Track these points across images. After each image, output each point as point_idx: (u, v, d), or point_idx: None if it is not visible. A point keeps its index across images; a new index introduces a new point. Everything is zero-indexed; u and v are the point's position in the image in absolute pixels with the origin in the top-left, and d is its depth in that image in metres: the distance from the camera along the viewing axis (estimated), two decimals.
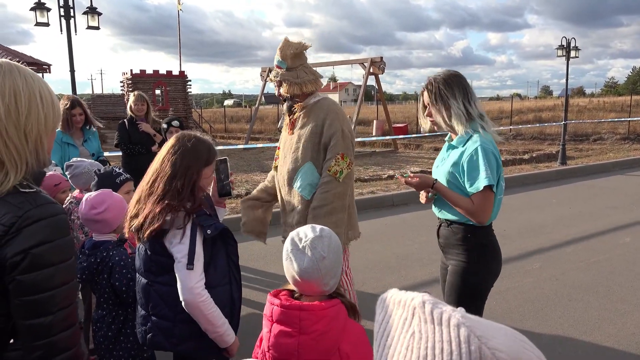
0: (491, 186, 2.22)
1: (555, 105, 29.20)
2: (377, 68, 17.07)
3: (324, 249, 1.46)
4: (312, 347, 1.43)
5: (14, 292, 1.11)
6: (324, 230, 1.52)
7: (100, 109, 22.48)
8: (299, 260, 1.47)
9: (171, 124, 4.42)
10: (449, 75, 2.38)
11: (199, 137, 2.06)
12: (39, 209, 1.13)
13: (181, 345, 2.02)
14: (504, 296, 4.23)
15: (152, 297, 2.02)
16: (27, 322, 1.12)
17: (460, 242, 2.37)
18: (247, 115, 32.81)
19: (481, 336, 0.54)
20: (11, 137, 1.13)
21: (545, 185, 9.36)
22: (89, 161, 3.11)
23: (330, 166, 2.93)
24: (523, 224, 6.55)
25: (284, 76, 3.05)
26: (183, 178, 1.93)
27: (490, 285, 2.44)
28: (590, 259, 5.23)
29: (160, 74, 20.10)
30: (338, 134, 2.94)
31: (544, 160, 13.08)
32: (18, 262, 1.09)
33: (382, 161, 15.28)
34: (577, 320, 3.82)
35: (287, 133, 3.20)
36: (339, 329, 1.48)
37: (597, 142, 19.14)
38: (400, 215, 7.18)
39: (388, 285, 4.58)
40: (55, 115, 1.22)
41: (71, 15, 7.23)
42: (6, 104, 1.12)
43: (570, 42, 11.90)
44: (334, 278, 1.51)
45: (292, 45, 3.05)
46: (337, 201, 2.95)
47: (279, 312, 1.46)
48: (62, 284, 1.16)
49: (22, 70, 1.17)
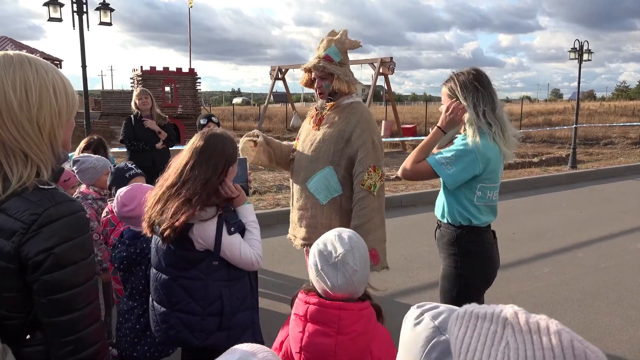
0: (431, 166, 2.26)
1: (565, 109, 29.02)
2: (387, 68, 17.02)
3: (355, 263, 1.42)
4: (349, 348, 1.40)
5: (39, 291, 1.11)
6: (352, 239, 1.47)
7: (109, 105, 22.57)
8: (332, 277, 1.42)
9: (211, 119, 4.40)
10: (473, 74, 2.31)
11: (225, 135, 2.07)
12: (58, 206, 1.12)
13: (210, 339, 2.02)
14: (514, 300, 4.19)
15: (176, 292, 2.02)
16: (53, 319, 1.13)
17: (447, 245, 2.36)
18: (256, 113, 32.84)
19: (582, 340, 0.57)
20: (27, 130, 1.12)
21: (555, 189, 9.27)
22: (95, 156, 3.11)
23: (363, 180, 2.82)
24: (533, 227, 6.50)
25: (337, 69, 2.86)
26: (210, 175, 1.94)
27: (481, 291, 2.40)
28: (601, 264, 5.17)
29: (170, 71, 20.16)
30: (368, 145, 2.83)
31: (553, 164, 12.99)
32: (41, 262, 1.09)
33: (390, 162, 15.20)
34: (587, 326, 3.77)
35: (309, 124, 3.09)
36: (372, 330, 1.46)
37: (608, 147, 18.98)
38: (408, 217, 7.15)
39: (396, 287, 4.56)
40: (70, 107, 1.20)
41: (84, 11, 7.26)
42: (18, 97, 1.10)
43: (583, 45, 11.79)
44: (364, 284, 1.49)
45: (350, 42, 2.91)
46: (377, 216, 2.88)
47: (315, 311, 1.42)
48: (86, 280, 1.16)
49: (33, 61, 1.15)
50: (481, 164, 2.22)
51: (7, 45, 21.54)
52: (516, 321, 0.59)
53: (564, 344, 0.56)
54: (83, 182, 3.09)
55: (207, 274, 1.99)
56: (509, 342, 0.58)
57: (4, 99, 1.10)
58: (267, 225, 6.34)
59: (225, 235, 1.96)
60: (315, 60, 2.89)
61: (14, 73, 1.11)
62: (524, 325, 0.58)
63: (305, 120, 3.19)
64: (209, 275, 2.00)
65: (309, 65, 2.93)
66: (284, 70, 19.85)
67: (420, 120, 26.50)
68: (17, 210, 1.09)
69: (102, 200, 2.94)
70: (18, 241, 1.08)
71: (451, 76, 2.35)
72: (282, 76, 19.91)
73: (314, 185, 2.92)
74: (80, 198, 2.97)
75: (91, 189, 3.03)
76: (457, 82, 2.30)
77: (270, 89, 21.09)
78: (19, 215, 1.09)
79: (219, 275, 2.01)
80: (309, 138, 3.02)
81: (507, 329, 0.59)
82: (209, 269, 1.99)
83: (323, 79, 2.89)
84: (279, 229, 3.27)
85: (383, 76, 17.58)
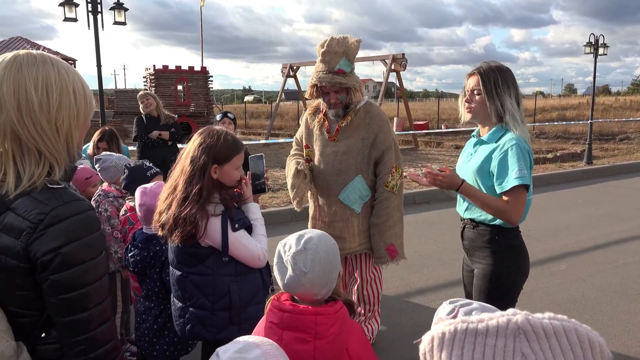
0: (526, 186, 2.11)
1: (579, 104, 28.63)
2: (399, 65, 16.92)
3: (305, 264, 1.41)
4: (327, 350, 1.41)
5: (48, 291, 1.11)
6: (310, 242, 1.45)
7: (123, 104, 22.76)
8: (282, 274, 1.45)
9: (226, 115, 4.43)
10: (503, 68, 2.25)
11: (221, 132, 2.03)
12: (65, 206, 1.12)
13: (221, 333, 2.04)
14: (530, 297, 4.15)
15: (188, 288, 2.05)
16: (65, 319, 1.13)
17: (488, 244, 2.26)
18: (267, 111, 32.88)
19: (589, 330, 0.56)
20: (45, 130, 1.13)
21: (570, 185, 9.17)
22: (117, 155, 3.15)
23: (387, 182, 2.94)
24: (548, 224, 6.44)
25: (351, 82, 2.86)
26: (203, 175, 1.94)
27: (520, 287, 2.33)
28: (619, 261, 5.10)
29: (183, 69, 20.23)
30: (391, 148, 2.95)
31: (568, 160, 12.82)
32: (49, 262, 1.09)
33: (403, 159, 15.06)
34: (605, 324, 3.73)
35: (320, 133, 3.07)
36: (347, 330, 1.47)
37: (624, 142, 18.69)
38: (422, 214, 7.12)
39: (411, 285, 4.55)
40: (87, 109, 1.21)
41: (98, 11, 7.32)
42: (39, 97, 1.11)
43: (599, 38, 11.62)
44: (325, 287, 1.46)
45: (355, 46, 2.88)
46: (397, 213, 3.02)
47: (291, 318, 1.42)
48: (95, 280, 1.16)
49: (56, 62, 1.16)
50: (530, 151, 2.20)
51: (23, 45, 21.78)
52: (529, 329, 0.54)
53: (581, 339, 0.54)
54: (105, 180, 3.12)
55: (214, 270, 2.02)
56: (524, 354, 0.54)
57: (25, 97, 1.10)
58: (281, 222, 6.36)
59: (230, 232, 1.98)
60: (328, 76, 2.85)
61: (36, 72, 1.12)
62: (540, 331, 0.54)
63: (313, 127, 3.12)
64: (216, 270, 2.02)
65: (325, 82, 2.87)
66: (295, 68, 19.84)
67: (432, 117, 26.32)
68: (26, 210, 1.09)
69: (123, 198, 2.97)
70: (26, 240, 1.08)
71: (483, 68, 2.24)
72: (293, 74, 19.90)
73: (347, 197, 2.99)
74: (102, 196, 3.01)
75: (112, 187, 3.06)
76: (500, 76, 2.20)
77: (281, 87, 21.10)
78: (27, 214, 1.09)
79: (227, 271, 2.03)
80: (329, 150, 3.01)
81: (518, 340, 0.54)
82: (215, 265, 2.01)
83: (338, 92, 2.89)
84: (291, 227, 3.27)
85: (395, 73, 17.49)
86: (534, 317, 0.55)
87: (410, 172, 2.36)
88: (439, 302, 1.09)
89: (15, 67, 1.11)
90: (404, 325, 3.76)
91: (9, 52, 1.16)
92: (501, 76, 2.21)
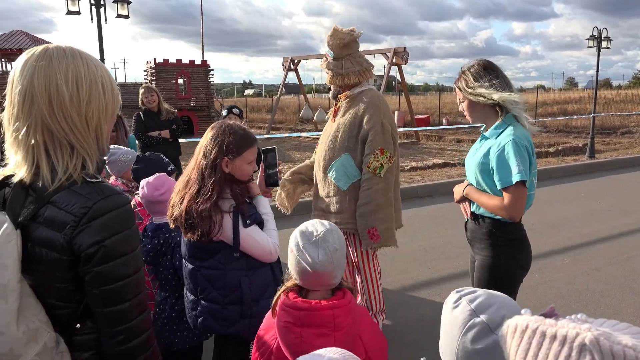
0: (524, 182, 2.14)
1: (581, 98, 28.54)
2: (400, 58, 16.85)
3: (335, 242, 1.48)
4: (346, 339, 1.46)
5: (91, 282, 1.13)
6: (331, 224, 1.55)
7: (123, 98, 22.36)
8: (313, 253, 1.47)
9: (232, 111, 4.44)
10: (472, 64, 2.32)
11: (233, 126, 2.04)
12: (107, 200, 1.14)
13: (232, 327, 2.06)
14: (535, 291, 4.17)
15: (200, 281, 2.07)
16: (106, 309, 1.16)
17: (486, 236, 2.32)
18: (268, 105, 32.81)
19: None
20: (75, 123, 1.14)
21: (573, 179, 9.18)
22: (124, 149, 3.14)
23: (369, 162, 2.95)
24: (552, 218, 6.45)
25: (330, 65, 3.11)
26: (214, 169, 1.95)
27: (519, 279, 2.37)
28: (623, 254, 5.12)
29: (183, 63, 20.19)
30: (377, 128, 2.95)
31: (570, 154, 12.81)
32: (93, 254, 1.11)
33: (405, 152, 15.12)
34: (610, 317, 3.70)
35: (330, 120, 3.24)
36: (358, 316, 1.53)
37: (626, 136, 18.67)
38: (425, 207, 7.13)
39: (415, 278, 4.56)
40: (115, 102, 1.23)
41: (101, 4, 7.30)
42: (69, 90, 1.12)
43: (602, 32, 11.58)
44: (341, 270, 1.53)
45: (339, 35, 3.06)
46: (380, 197, 2.98)
47: (308, 316, 1.45)
48: (134, 271, 1.19)
49: (84, 56, 1.17)
50: (530, 145, 2.21)
51: (23, 39, 21.69)
52: (597, 349, 0.53)
53: None
54: (112, 174, 3.12)
55: (224, 264, 2.02)
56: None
57: (56, 90, 1.11)
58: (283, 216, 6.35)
59: (242, 228, 1.98)
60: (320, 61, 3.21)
61: (66, 66, 1.13)
62: (608, 355, 0.52)
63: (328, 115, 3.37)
64: (227, 265, 2.03)
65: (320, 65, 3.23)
66: (296, 62, 19.78)
67: (433, 110, 26.27)
68: (68, 203, 1.11)
69: (130, 192, 2.97)
70: (70, 234, 1.10)
71: (463, 70, 2.33)
72: (294, 67, 19.83)
73: (334, 172, 3.07)
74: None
75: (119, 181, 3.06)
76: (470, 72, 2.28)
77: (282, 80, 21.03)
78: (69, 208, 1.11)
79: (238, 265, 2.03)
80: (327, 130, 3.20)
81: (583, 355, 0.53)
82: (226, 259, 2.02)
83: (334, 76, 3.13)
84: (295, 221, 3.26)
85: (396, 66, 17.43)
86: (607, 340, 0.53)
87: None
88: (444, 295, 1.10)
89: (46, 60, 1.12)
90: (408, 319, 3.77)
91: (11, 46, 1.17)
92: (470, 72, 2.28)
